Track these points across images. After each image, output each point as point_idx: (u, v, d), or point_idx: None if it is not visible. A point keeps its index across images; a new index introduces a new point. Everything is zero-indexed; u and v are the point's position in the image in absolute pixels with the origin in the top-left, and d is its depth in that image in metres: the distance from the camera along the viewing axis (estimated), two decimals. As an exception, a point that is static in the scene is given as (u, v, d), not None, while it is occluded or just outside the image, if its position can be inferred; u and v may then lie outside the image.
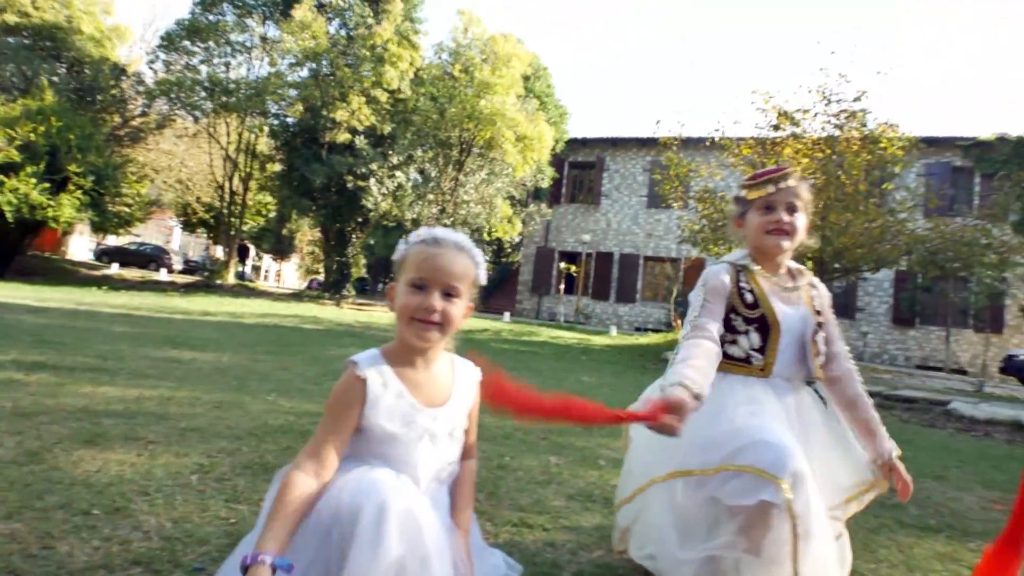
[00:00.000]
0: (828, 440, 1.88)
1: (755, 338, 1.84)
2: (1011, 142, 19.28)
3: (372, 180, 20.28)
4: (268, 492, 1.40)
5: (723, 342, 1.84)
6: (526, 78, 22.31)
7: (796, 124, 12.16)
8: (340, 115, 19.42)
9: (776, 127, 12.38)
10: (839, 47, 28.76)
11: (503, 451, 3.45)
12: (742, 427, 1.65)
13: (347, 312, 17.57)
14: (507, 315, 20.21)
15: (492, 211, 21.46)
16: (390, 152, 20.84)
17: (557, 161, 24.83)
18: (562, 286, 25.65)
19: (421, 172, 22.37)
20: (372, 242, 24.58)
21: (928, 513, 3.18)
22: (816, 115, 12.06)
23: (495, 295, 30.25)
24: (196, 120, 22.58)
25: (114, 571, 1.62)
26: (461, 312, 1.41)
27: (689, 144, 15.03)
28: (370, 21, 20.44)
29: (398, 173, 20.95)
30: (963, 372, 17.99)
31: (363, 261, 29.18)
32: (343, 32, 21.62)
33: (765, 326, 1.83)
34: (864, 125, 11.85)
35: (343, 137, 19.91)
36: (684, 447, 1.70)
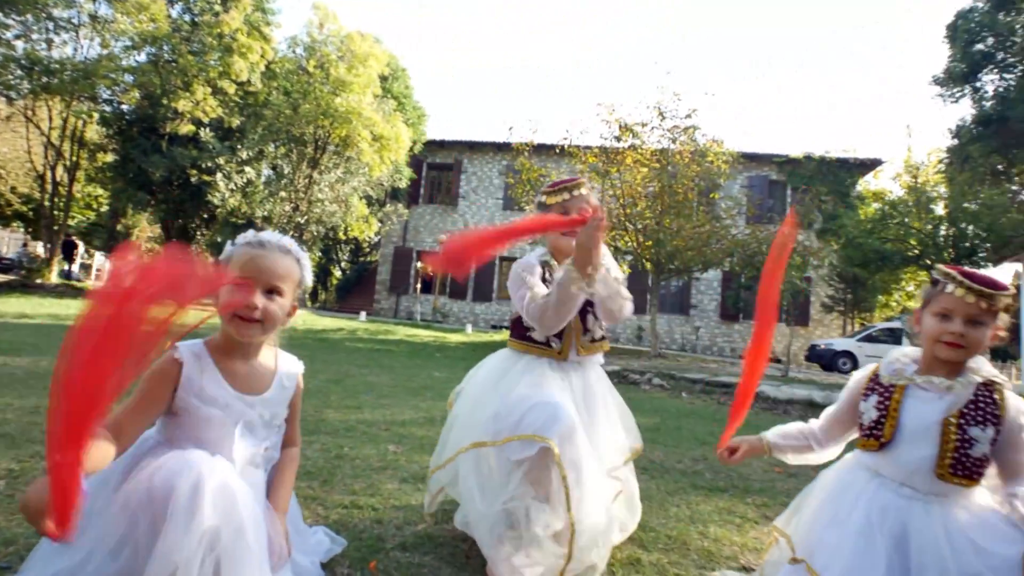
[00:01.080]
0: (609, 410, 2.22)
1: None
2: (815, 160, 21.97)
3: (219, 175, 19.22)
4: None
5: (528, 328, 2.13)
6: (384, 78, 22.10)
7: (636, 136, 13.13)
8: (183, 105, 18.15)
9: (618, 138, 13.30)
10: (674, 67, 31.25)
11: (343, 443, 3.53)
12: (523, 396, 1.94)
13: (188, 312, 16.45)
14: (363, 314, 19.91)
15: (348, 210, 21.04)
16: (239, 146, 19.83)
17: (415, 162, 24.83)
18: (419, 285, 25.70)
19: (274, 168, 21.49)
20: (220, 239, 23.25)
21: (719, 477, 3.69)
22: (653, 129, 13.11)
23: (352, 294, 29.65)
24: (11, 101, 19.99)
25: (-97, 576, 1.52)
26: (284, 311, 1.51)
27: (541, 150, 15.70)
28: (217, 8, 19.32)
29: (248, 168, 19.99)
30: (777, 360, 20.25)
31: (209, 259, 27.48)
32: (187, 17, 20.23)
33: None
34: (694, 140, 13.05)
35: (186, 128, 18.64)
36: (483, 420, 1.97)
